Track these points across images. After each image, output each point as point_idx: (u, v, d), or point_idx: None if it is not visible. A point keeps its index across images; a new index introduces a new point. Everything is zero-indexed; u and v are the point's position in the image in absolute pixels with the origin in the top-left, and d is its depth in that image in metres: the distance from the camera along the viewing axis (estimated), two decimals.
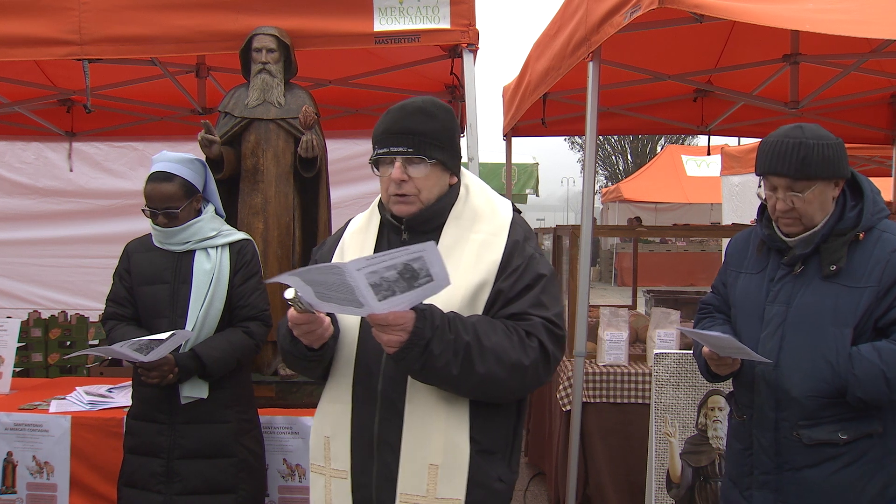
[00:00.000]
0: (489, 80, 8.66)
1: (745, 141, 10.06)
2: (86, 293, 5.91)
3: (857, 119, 5.60)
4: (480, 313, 1.82)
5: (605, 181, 31.32)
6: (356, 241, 2.00)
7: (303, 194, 3.60)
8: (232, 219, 3.32)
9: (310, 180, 3.55)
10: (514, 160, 7.93)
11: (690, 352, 3.11)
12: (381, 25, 3.48)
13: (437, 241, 1.86)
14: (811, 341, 2.11)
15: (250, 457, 2.85)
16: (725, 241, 7.31)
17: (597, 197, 20.89)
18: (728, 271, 2.43)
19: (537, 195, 13.48)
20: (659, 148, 27.95)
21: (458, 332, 1.71)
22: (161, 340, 2.53)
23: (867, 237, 2.13)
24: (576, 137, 26.36)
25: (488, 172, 10.24)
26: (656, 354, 3.32)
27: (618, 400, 3.75)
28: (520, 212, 2.00)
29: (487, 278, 1.83)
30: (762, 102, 5.17)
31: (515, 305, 1.82)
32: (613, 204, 21.45)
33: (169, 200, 2.74)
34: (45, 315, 5.10)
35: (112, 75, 4.70)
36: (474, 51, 3.55)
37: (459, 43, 3.52)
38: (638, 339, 4.40)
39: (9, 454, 3.27)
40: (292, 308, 1.69)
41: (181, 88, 4.91)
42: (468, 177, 2.00)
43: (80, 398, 3.45)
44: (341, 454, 1.88)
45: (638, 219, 15.98)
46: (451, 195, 1.93)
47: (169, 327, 2.68)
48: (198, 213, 2.85)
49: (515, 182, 11.90)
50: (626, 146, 31.92)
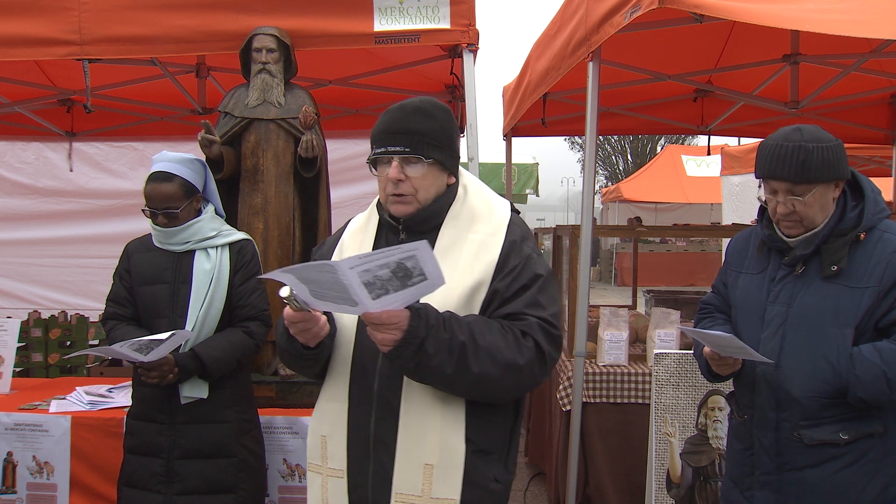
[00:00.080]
0: (489, 80, 8.67)
1: (745, 141, 10.06)
2: (86, 293, 5.91)
3: (857, 119, 5.59)
4: (477, 313, 1.82)
5: (605, 181, 31.32)
6: (355, 241, 2.00)
7: (303, 194, 3.60)
8: (232, 219, 3.32)
9: (310, 180, 3.55)
10: (514, 160, 7.92)
11: (690, 352, 3.10)
12: (381, 25, 3.48)
13: (435, 242, 1.86)
14: (812, 342, 2.11)
15: (250, 457, 2.85)
16: (725, 241, 7.31)
17: (597, 197, 20.88)
18: (728, 271, 2.43)
19: (537, 195, 13.45)
20: (659, 148, 27.95)
21: (453, 332, 1.71)
22: (161, 340, 2.53)
23: (868, 237, 2.13)
24: (576, 137, 26.37)
25: (488, 172, 10.23)
26: (656, 354, 3.32)
27: (618, 400, 3.75)
28: (518, 212, 1.99)
29: (484, 279, 1.82)
30: (762, 102, 5.17)
31: (511, 305, 1.81)
32: (613, 204, 21.44)
33: (169, 200, 2.74)
34: (45, 315, 5.10)
35: (112, 75, 4.70)
36: (474, 51, 3.55)
37: (459, 43, 3.52)
38: (638, 339, 4.40)
39: (9, 454, 3.27)
40: (288, 306, 1.69)
41: (181, 88, 4.91)
42: (466, 177, 2.00)
43: (80, 398, 3.45)
44: (338, 453, 1.88)
45: (638, 219, 15.99)
46: (449, 195, 1.93)
47: (169, 327, 2.68)
48: (198, 213, 2.85)
49: (515, 182, 11.88)
50: (626, 146, 31.91)
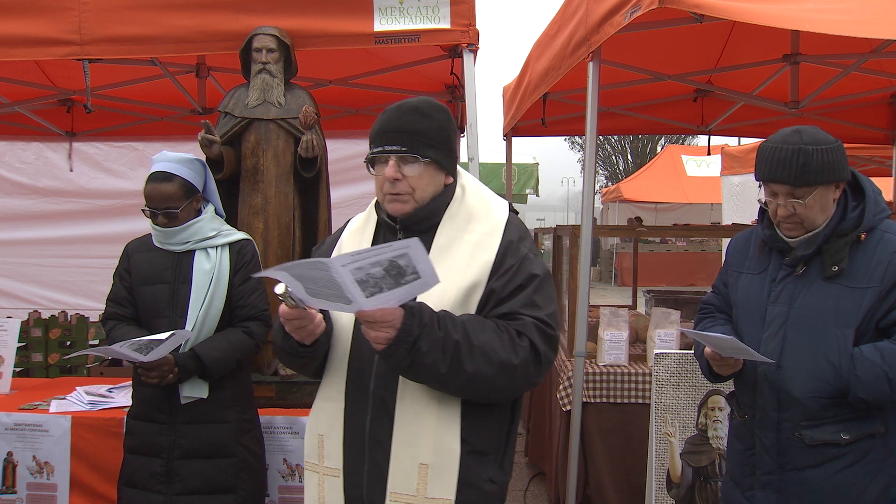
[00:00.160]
0: (489, 80, 8.67)
1: (746, 141, 10.07)
2: (86, 293, 5.91)
3: (857, 119, 5.59)
4: (473, 313, 1.82)
5: (605, 181, 31.32)
6: (353, 241, 2.00)
7: (303, 194, 3.60)
8: (232, 219, 3.32)
9: (310, 180, 3.55)
10: (514, 160, 7.92)
11: (691, 352, 3.11)
12: (381, 25, 3.48)
13: (432, 241, 1.87)
14: (813, 342, 2.11)
15: (250, 457, 2.85)
16: (725, 241, 7.31)
17: (597, 197, 20.82)
18: (729, 271, 2.42)
19: (537, 195, 13.45)
20: (659, 148, 27.94)
21: (448, 330, 1.71)
22: (161, 340, 2.52)
23: (869, 238, 2.12)
24: (576, 137, 26.37)
25: (488, 172, 10.23)
26: (656, 354, 3.32)
27: (618, 400, 3.75)
28: (516, 212, 1.99)
29: (480, 278, 1.83)
30: (762, 102, 5.17)
31: (507, 305, 1.81)
32: (613, 204, 21.44)
33: (169, 200, 2.74)
34: (46, 315, 5.10)
35: (112, 75, 4.70)
36: (474, 51, 3.55)
37: (459, 43, 3.52)
38: (638, 339, 4.40)
39: (9, 454, 3.27)
40: (283, 303, 1.70)
41: (181, 88, 4.91)
42: (465, 177, 2.00)
43: (80, 398, 3.45)
44: (334, 452, 1.88)
45: (638, 219, 15.97)
46: (447, 195, 1.93)
47: (169, 327, 2.68)
48: (198, 213, 2.85)
49: (515, 182, 11.88)
50: (626, 146, 31.91)
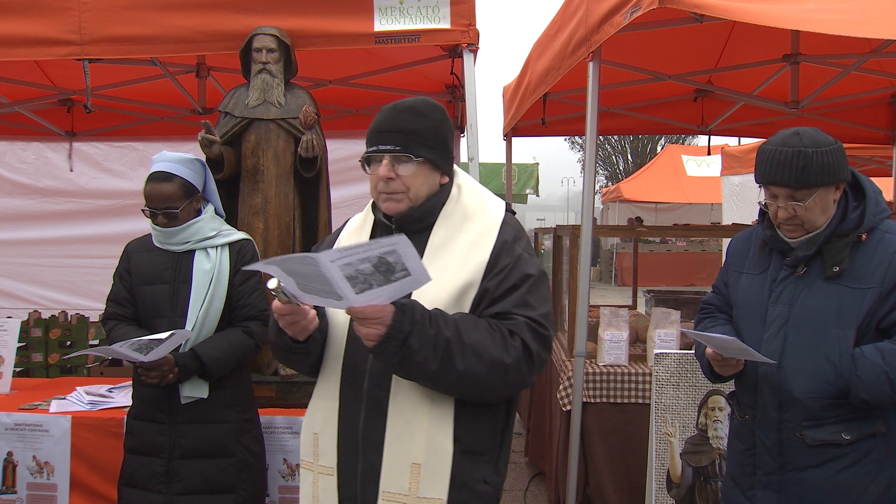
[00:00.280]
0: (489, 80, 8.68)
1: (746, 141, 10.06)
2: (86, 293, 5.91)
3: (857, 119, 5.59)
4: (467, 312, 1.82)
5: (606, 181, 31.32)
6: (351, 241, 2.01)
7: (303, 194, 3.60)
8: (232, 219, 3.32)
9: (310, 180, 3.55)
10: (514, 160, 7.92)
11: (691, 352, 3.11)
12: (382, 25, 3.48)
13: (427, 241, 1.87)
14: (814, 342, 2.11)
15: (250, 457, 2.85)
16: (725, 241, 7.31)
17: (597, 197, 20.82)
18: (729, 271, 2.42)
19: (537, 195, 13.46)
20: (659, 148, 27.94)
21: (439, 328, 1.71)
22: (161, 340, 2.52)
23: (869, 238, 2.12)
24: (576, 137, 26.37)
25: (488, 172, 10.23)
26: (656, 354, 3.32)
27: (618, 400, 3.74)
28: (514, 212, 1.99)
29: (474, 278, 1.82)
30: (762, 102, 5.17)
31: (500, 305, 1.81)
32: (613, 204, 21.44)
33: (169, 200, 2.74)
34: (46, 315, 5.10)
35: (112, 75, 4.70)
36: (474, 51, 3.55)
37: (459, 43, 3.52)
38: (638, 339, 4.40)
39: (9, 454, 3.27)
40: (276, 298, 1.70)
41: (181, 88, 4.91)
42: (462, 176, 2.00)
43: (81, 398, 3.45)
44: (329, 451, 1.89)
45: (639, 219, 15.97)
46: (442, 194, 1.93)
47: (169, 327, 2.68)
48: (198, 213, 2.85)
49: (515, 182, 11.88)
50: (626, 146, 31.91)
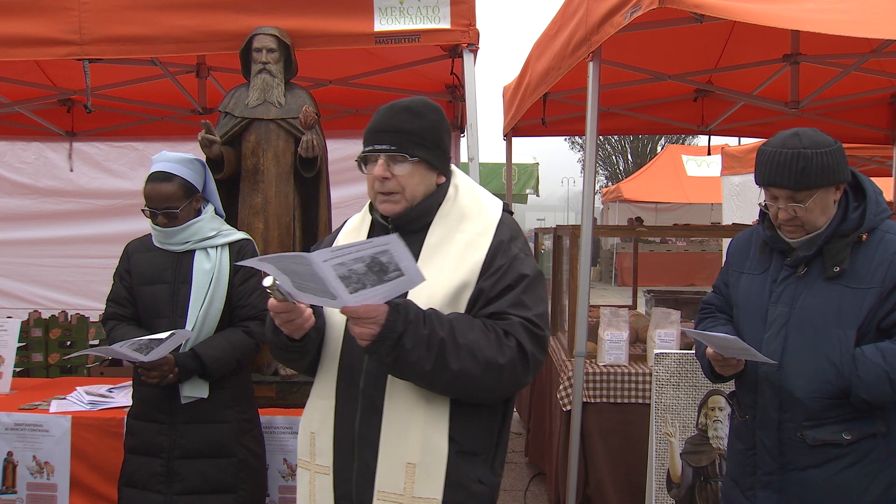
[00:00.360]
0: (489, 80, 8.68)
1: (746, 141, 10.07)
2: (86, 293, 5.91)
3: (857, 119, 5.59)
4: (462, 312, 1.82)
5: (606, 181, 31.32)
6: (349, 241, 2.00)
7: (303, 194, 3.60)
8: (232, 219, 3.32)
9: (310, 180, 3.55)
10: (514, 160, 7.92)
11: (691, 352, 3.11)
12: (382, 25, 3.48)
13: (424, 241, 1.87)
14: (815, 342, 2.11)
15: (250, 457, 2.85)
16: (725, 241, 7.31)
17: (597, 197, 20.81)
18: (730, 271, 2.42)
19: (537, 195, 13.45)
20: (659, 148, 27.94)
21: (433, 328, 1.71)
22: (161, 340, 2.52)
23: (870, 238, 2.12)
24: (576, 137, 26.37)
25: (488, 172, 10.22)
26: (656, 354, 3.32)
27: (618, 400, 3.74)
28: (511, 212, 1.98)
29: (470, 278, 1.82)
30: (762, 102, 5.17)
31: (496, 305, 1.81)
32: (613, 204, 21.43)
33: (168, 200, 2.74)
34: (46, 315, 5.10)
35: (112, 75, 4.70)
36: (474, 51, 3.55)
37: (459, 43, 3.51)
38: (638, 339, 4.40)
39: (9, 454, 3.27)
40: (272, 296, 1.70)
41: (181, 88, 4.91)
42: (459, 176, 2.00)
43: (81, 398, 3.45)
44: (325, 450, 1.89)
45: (639, 219, 15.97)
46: (439, 194, 1.93)
47: (169, 327, 2.68)
48: (197, 213, 2.85)
49: (515, 182, 11.87)
50: (627, 146, 31.91)
